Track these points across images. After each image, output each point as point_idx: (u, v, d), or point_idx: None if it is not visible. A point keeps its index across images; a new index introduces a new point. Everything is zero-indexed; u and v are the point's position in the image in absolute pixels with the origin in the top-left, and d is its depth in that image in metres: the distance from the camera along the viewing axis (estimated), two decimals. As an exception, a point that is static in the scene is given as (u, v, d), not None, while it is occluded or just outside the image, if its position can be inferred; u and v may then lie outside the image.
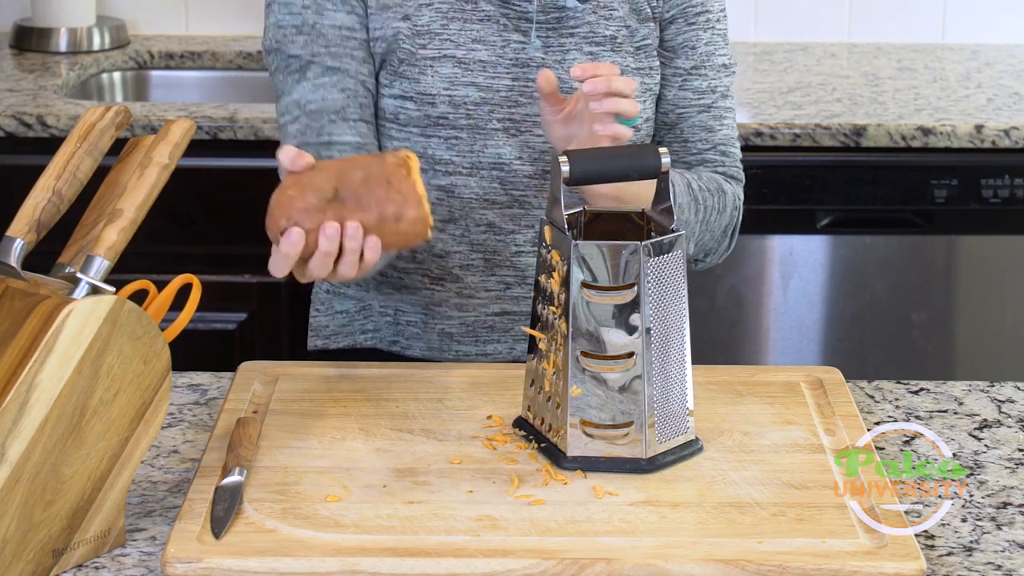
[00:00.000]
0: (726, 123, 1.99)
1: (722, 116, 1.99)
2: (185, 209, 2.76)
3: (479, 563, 1.43)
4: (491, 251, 1.93)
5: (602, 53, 1.90)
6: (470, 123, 1.89)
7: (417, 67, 1.88)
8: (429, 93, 1.88)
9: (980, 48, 3.35)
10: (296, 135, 1.88)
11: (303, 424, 1.68)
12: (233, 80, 3.27)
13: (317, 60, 1.87)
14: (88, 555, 1.46)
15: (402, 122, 1.90)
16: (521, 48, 1.89)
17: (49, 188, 1.47)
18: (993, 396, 1.82)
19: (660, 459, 1.60)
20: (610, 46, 1.91)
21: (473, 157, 1.90)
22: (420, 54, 1.87)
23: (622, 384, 1.59)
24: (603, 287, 1.57)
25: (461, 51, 1.88)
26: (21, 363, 1.37)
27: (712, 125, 1.98)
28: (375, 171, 1.57)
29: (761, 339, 2.92)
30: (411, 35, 1.87)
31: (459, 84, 1.88)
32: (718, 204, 1.93)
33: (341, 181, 1.56)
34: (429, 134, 1.89)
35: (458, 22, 1.88)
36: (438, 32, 1.88)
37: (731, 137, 2.00)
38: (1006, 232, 2.85)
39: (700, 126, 1.97)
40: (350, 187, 1.56)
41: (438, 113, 1.88)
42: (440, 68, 1.88)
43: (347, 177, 1.56)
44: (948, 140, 2.78)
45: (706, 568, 1.43)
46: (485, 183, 1.91)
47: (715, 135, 1.98)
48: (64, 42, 3.20)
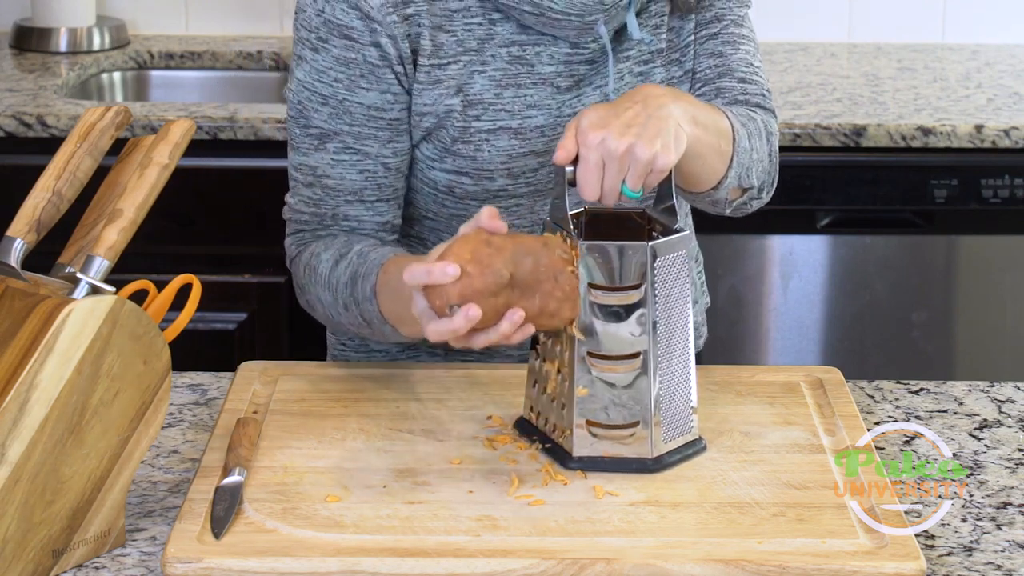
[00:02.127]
0: (743, 49, 1.85)
1: (735, 43, 1.85)
2: (185, 209, 2.76)
3: (479, 563, 1.43)
4: None
5: (652, 70, 1.82)
6: (530, 189, 1.82)
7: (471, 143, 1.78)
8: (487, 169, 1.79)
9: (980, 48, 3.35)
10: (312, 202, 1.80)
11: (303, 424, 1.68)
12: (233, 80, 3.27)
13: (339, 136, 1.77)
14: (88, 555, 1.46)
15: (458, 195, 1.82)
16: (577, 100, 1.79)
17: (49, 188, 1.47)
18: (993, 396, 1.82)
19: (666, 459, 1.60)
20: (659, 60, 1.83)
21: (534, 217, 1.83)
22: (474, 127, 1.78)
23: (628, 384, 1.59)
24: (610, 287, 1.57)
25: (517, 121, 1.78)
26: (21, 363, 1.37)
27: (723, 51, 1.84)
28: (544, 262, 1.54)
29: (761, 339, 2.92)
30: (463, 108, 1.77)
31: (517, 156, 1.79)
32: (757, 129, 1.80)
33: (516, 267, 1.52)
34: (488, 204, 1.75)
35: (512, 89, 1.78)
36: (492, 102, 1.77)
37: (750, 63, 1.85)
38: (1006, 232, 2.85)
39: (707, 52, 1.84)
40: (521, 274, 1.53)
41: (497, 187, 1.81)
42: (497, 142, 1.78)
43: (520, 264, 1.53)
44: (948, 140, 2.78)
45: (706, 568, 1.43)
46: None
47: (728, 60, 1.84)
48: (64, 42, 3.20)
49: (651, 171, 1.56)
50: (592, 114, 1.57)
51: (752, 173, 1.77)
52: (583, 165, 1.56)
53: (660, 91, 1.62)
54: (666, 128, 1.57)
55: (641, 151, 1.55)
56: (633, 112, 1.58)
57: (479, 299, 1.50)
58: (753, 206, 1.85)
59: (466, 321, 1.49)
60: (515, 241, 1.54)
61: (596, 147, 1.55)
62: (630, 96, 1.61)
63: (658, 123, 1.57)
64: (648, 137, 1.56)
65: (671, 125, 1.58)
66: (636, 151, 1.55)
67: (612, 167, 1.56)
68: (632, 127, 1.56)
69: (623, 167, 1.56)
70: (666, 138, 1.57)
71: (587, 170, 1.56)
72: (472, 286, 1.50)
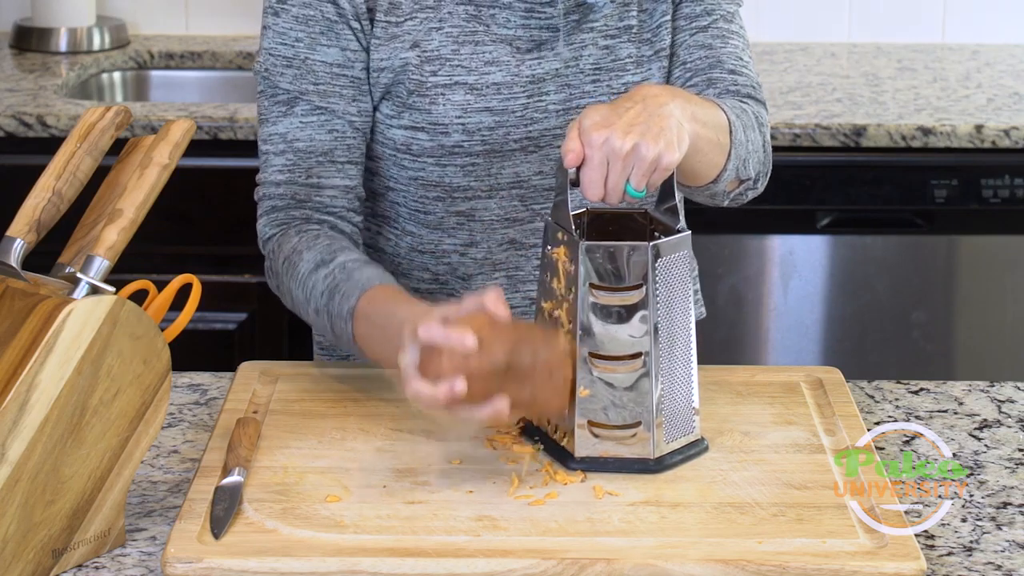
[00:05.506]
0: (732, 43, 1.87)
1: (725, 37, 1.87)
2: (185, 209, 2.76)
3: (479, 563, 1.43)
4: (514, 268, 1.89)
5: (618, 45, 1.85)
6: (486, 148, 1.83)
7: (428, 96, 1.82)
8: (441, 123, 1.82)
9: (980, 48, 3.35)
10: (283, 170, 1.83)
11: (303, 424, 1.68)
12: (233, 80, 3.27)
13: (305, 97, 1.82)
14: (88, 555, 1.46)
15: (415, 152, 1.84)
16: (537, 63, 1.83)
17: (49, 188, 1.47)
18: (993, 396, 1.82)
19: (668, 459, 1.60)
20: (626, 36, 1.85)
21: (491, 180, 1.85)
22: (430, 82, 1.81)
23: (630, 384, 1.59)
24: (612, 287, 1.57)
25: (473, 76, 1.82)
26: (21, 363, 1.37)
27: (712, 43, 1.86)
28: (543, 357, 1.53)
29: (761, 339, 2.92)
30: (420, 63, 1.81)
31: (472, 111, 1.82)
32: (749, 120, 1.82)
33: (514, 357, 1.52)
34: (444, 163, 1.83)
35: (469, 46, 1.82)
36: (448, 58, 1.82)
37: (739, 57, 1.87)
38: (1006, 232, 2.85)
39: (697, 45, 1.86)
40: (518, 364, 1.52)
41: (452, 142, 1.83)
42: (452, 96, 1.82)
43: (519, 354, 1.52)
44: (948, 140, 2.78)
45: (706, 568, 1.43)
46: (505, 203, 1.86)
47: (717, 52, 1.86)
48: (64, 42, 3.20)
49: (655, 169, 1.57)
50: (594, 114, 1.58)
51: (749, 164, 1.79)
52: (587, 165, 1.56)
53: (659, 90, 1.62)
54: (668, 126, 1.58)
55: (646, 150, 1.56)
56: (635, 111, 1.58)
57: (471, 380, 1.49)
58: (748, 195, 1.86)
59: (449, 394, 1.49)
60: (518, 330, 1.53)
61: (600, 147, 1.56)
62: (629, 96, 1.61)
63: (660, 121, 1.58)
64: (652, 136, 1.56)
65: (673, 123, 1.59)
66: (641, 150, 1.56)
67: (616, 166, 1.56)
68: (635, 126, 1.56)
69: (627, 166, 1.56)
70: (669, 136, 1.57)
71: (591, 169, 1.57)
72: (468, 366, 1.49)
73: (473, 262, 1.88)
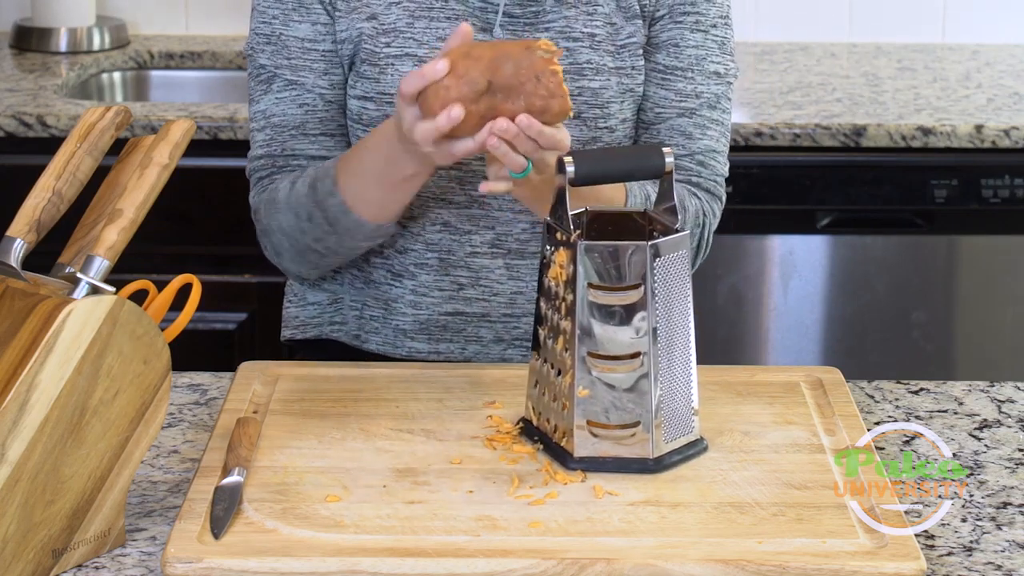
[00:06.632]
0: (709, 134, 1.92)
1: (705, 126, 1.92)
2: (185, 209, 2.76)
3: (479, 563, 1.43)
4: (445, 251, 1.90)
5: (579, 48, 1.87)
6: None
7: (378, 67, 1.86)
8: (388, 93, 1.86)
9: (980, 48, 3.35)
10: (263, 144, 1.91)
11: (303, 424, 1.68)
12: (233, 80, 3.27)
13: (280, 73, 1.89)
14: (88, 555, 1.46)
15: (365, 123, 1.88)
16: None
17: (49, 188, 1.47)
18: (993, 396, 1.82)
19: (667, 459, 1.60)
20: (588, 43, 1.87)
21: None
22: (383, 52, 1.86)
23: (629, 384, 1.59)
24: (610, 287, 1.57)
25: (423, 50, 1.86)
26: (21, 363, 1.37)
27: (692, 132, 1.91)
28: (524, 64, 1.61)
29: (761, 339, 2.92)
30: (375, 34, 1.86)
31: None
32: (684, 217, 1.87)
33: (494, 74, 1.61)
34: None
35: (424, 20, 1.86)
36: (403, 31, 1.86)
37: (713, 149, 1.93)
38: (1006, 232, 2.86)
39: (678, 130, 1.92)
40: (501, 79, 1.61)
41: None
42: (400, 67, 1.85)
43: (499, 70, 1.61)
44: (948, 140, 2.78)
45: (706, 568, 1.43)
46: (443, 182, 1.88)
47: (694, 143, 1.92)
48: (64, 42, 3.21)
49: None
50: None
51: None
52: None
53: None
54: None
55: None
56: None
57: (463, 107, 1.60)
58: None
59: (448, 121, 1.61)
60: (495, 49, 1.64)
61: None
62: None
63: None
64: None
65: None
66: None
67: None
68: None
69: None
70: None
71: None
72: (448, 96, 1.60)
73: (410, 235, 1.92)
